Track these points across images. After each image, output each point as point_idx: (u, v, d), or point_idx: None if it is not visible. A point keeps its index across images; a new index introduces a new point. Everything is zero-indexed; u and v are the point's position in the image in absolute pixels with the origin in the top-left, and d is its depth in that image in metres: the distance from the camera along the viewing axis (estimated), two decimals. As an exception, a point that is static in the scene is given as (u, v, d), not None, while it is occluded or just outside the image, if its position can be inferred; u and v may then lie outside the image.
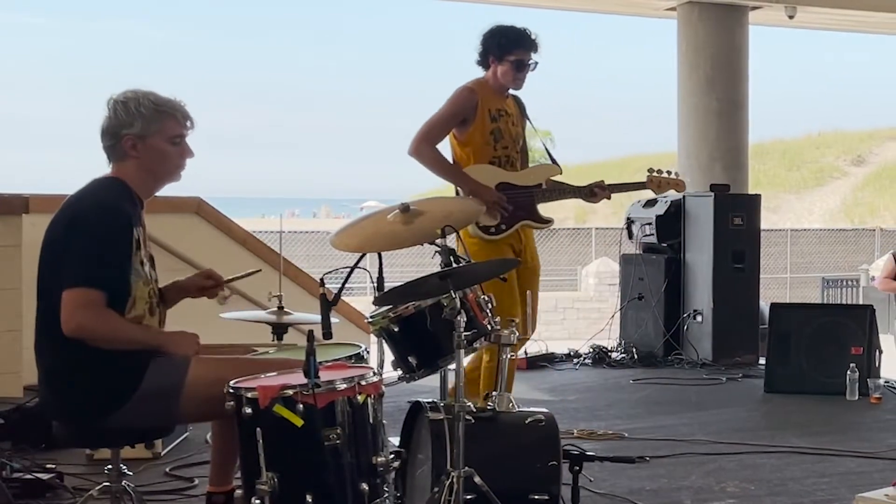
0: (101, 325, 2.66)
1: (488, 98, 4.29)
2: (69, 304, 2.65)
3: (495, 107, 4.30)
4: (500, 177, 4.28)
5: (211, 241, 5.95)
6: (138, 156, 2.81)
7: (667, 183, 4.60)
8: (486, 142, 4.27)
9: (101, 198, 2.78)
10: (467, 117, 4.26)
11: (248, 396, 2.55)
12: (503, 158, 4.31)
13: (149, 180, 2.87)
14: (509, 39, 4.26)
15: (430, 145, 4.23)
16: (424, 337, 3.08)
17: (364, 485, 2.59)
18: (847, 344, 5.63)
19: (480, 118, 4.26)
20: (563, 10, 10.22)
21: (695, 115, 8.68)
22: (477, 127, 4.26)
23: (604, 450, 3.96)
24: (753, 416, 5.28)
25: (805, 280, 18.99)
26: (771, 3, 8.70)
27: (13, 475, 3.55)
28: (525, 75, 4.33)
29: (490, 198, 4.18)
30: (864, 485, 3.60)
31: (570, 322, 15.45)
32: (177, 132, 2.85)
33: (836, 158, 29.85)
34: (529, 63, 4.31)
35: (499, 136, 4.29)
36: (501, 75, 4.29)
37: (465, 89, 4.29)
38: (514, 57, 4.26)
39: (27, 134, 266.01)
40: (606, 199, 4.49)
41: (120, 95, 2.83)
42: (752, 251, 6.93)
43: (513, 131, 4.35)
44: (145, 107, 2.79)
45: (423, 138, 4.22)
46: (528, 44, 4.28)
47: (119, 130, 2.80)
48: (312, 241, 17.12)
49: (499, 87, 4.33)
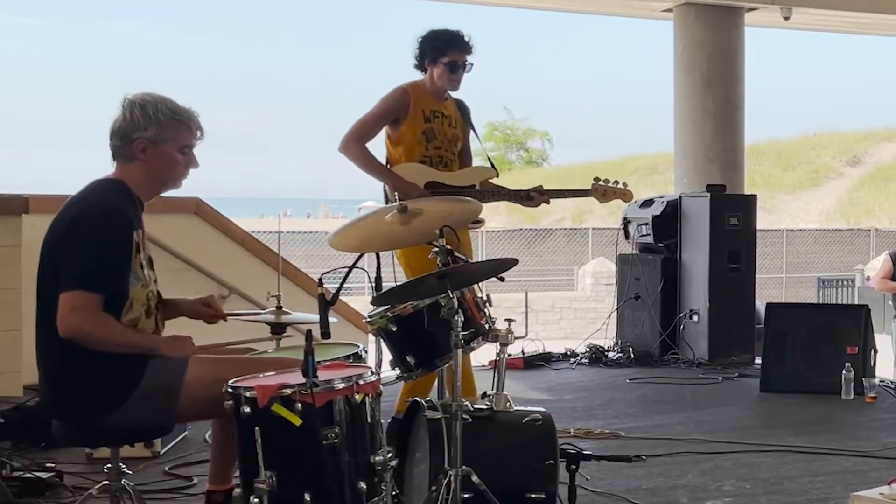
0: (96, 329, 2.68)
1: (423, 99, 4.34)
2: (65, 306, 2.66)
3: (430, 108, 4.34)
4: (429, 176, 4.29)
5: (210, 242, 5.96)
6: (146, 160, 2.82)
7: (612, 192, 4.55)
8: (418, 141, 4.31)
9: (103, 199, 2.79)
10: (399, 117, 4.31)
11: (246, 396, 2.57)
12: (435, 158, 4.33)
13: (151, 185, 2.88)
14: (443, 42, 4.32)
15: (358, 143, 4.28)
16: (422, 336, 3.10)
17: (362, 483, 2.60)
18: (842, 343, 5.64)
19: (412, 118, 4.30)
20: (561, 12, 10.25)
21: (691, 115, 8.70)
22: (409, 126, 4.30)
23: (600, 449, 3.96)
24: (749, 416, 5.31)
25: (801, 280, 19.03)
26: (767, 4, 8.73)
27: (13, 474, 3.57)
28: (460, 76, 4.37)
29: (414, 195, 4.12)
30: (859, 483, 3.62)
31: (567, 322, 15.48)
32: (188, 142, 2.87)
33: (831, 159, 29.88)
34: (464, 64, 4.35)
35: (431, 136, 4.32)
36: (437, 77, 4.34)
37: (399, 89, 4.35)
38: (447, 59, 4.31)
39: (27, 134, 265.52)
40: (545, 203, 4.47)
41: (137, 98, 2.83)
42: (748, 251, 6.96)
43: (448, 133, 4.37)
44: (163, 113, 2.81)
45: (352, 136, 4.28)
46: (462, 46, 4.33)
47: (132, 132, 2.81)
48: (311, 241, 17.14)
49: (436, 90, 4.37)
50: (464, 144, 4.49)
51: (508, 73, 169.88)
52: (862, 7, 9.06)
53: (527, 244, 19.48)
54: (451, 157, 4.40)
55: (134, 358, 2.75)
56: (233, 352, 3.10)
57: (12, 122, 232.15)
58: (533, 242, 19.92)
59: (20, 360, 4.71)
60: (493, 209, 20.54)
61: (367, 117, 4.32)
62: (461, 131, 4.46)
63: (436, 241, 3.05)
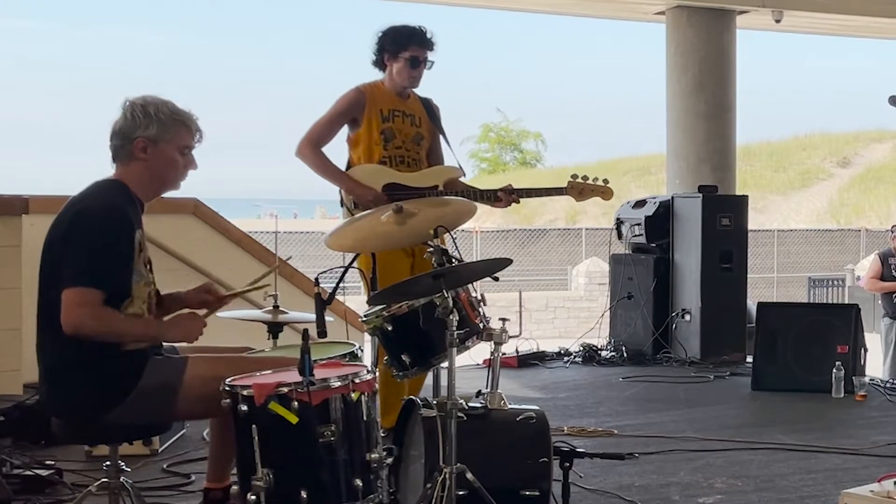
0: (99, 324, 2.70)
1: (380, 98, 4.23)
2: (68, 303, 2.69)
3: (388, 107, 4.23)
4: (389, 177, 4.16)
5: (208, 242, 5.98)
6: (147, 159, 2.85)
7: (590, 190, 4.28)
8: (376, 141, 4.20)
9: (105, 199, 2.82)
10: (356, 117, 4.21)
11: (243, 394, 2.59)
12: (396, 158, 4.20)
13: (151, 185, 2.91)
14: (403, 36, 4.21)
15: (312, 147, 4.18)
16: (417, 335, 3.11)
17: (358, 481, 2.63)
18: (833, 342, 5.68)
19: (368, 118, 4.20)
20: (555, 14, 10.27)
21: (683, 117, 8.74)
22: (366, 127, 4.20)
23: (594, 446, 3.98)
24: (741, 414, 5.34)
25: (792, 280, 19.10)
26: (758, 7, 8.77)
27: (13, 471, 3.60)
28: (421, 72, 4.25)
29: (368, 198, 4.06)
30: (849, 481, 3.66)
31: (561, 321, 15.52)
32: (187, 143, 2.90)
33: (821, 160, 29.97)
34: (424, 60, 4.23)
35: (390, 135, 4.21)
36: (397, 73, 4.23)
37: (353, 90, 4.25)
38: (408, 54, 4.19)
39: (27, 135, 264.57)
40: (515, 202, 4.25)
41: (139, 99, 2.87)
42: (739, 251, 7.00)
43: (411, 132, 4.24)
44: (163, 113, 2.84)
45: (307, 140, 4.18)
46: (423, 41, 4.22)
47: (133, 132, 2.84)
48: (307, 241, 17.16)
49: (395, 87, 4.25)
50: (432, 143, 4.34)
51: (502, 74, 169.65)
52: (851, 10, 9.10)
53: (521, 244, 19.52)
54: (416, 156, 4.25)
55: (133, 356, 2.77)
56: (230, 350, 3.13)
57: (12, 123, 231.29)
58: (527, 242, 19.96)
59: (20, 358, 4.72)
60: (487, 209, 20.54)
61: (321, 120, 4.21)
62: (426, 129, 4.30)
63: (431, 241, 3.08)
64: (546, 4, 9.59)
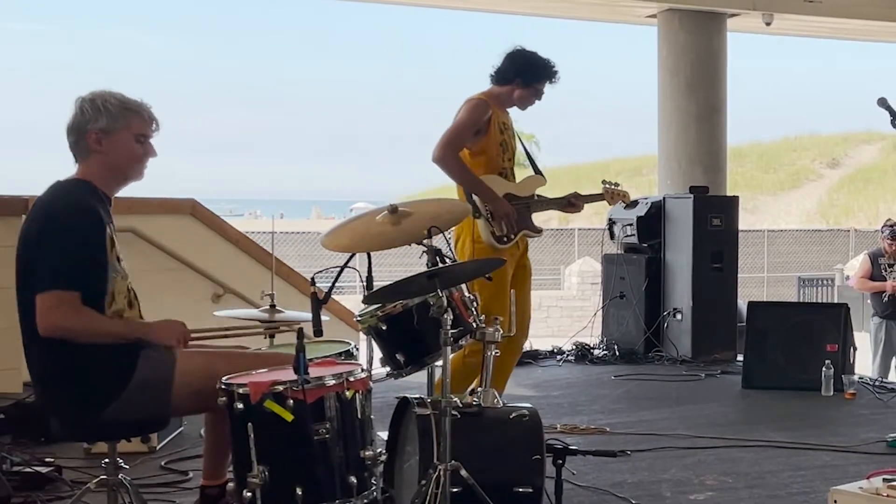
0: (76, 324, 2.70)
1: (498, 111, 4.38)
2: (41, 307, 2.69)
3: (501, 120, 4.40)
4: (505, 188, 4.35)
5: (205, 242, 6.01)
6: (102, 151, 2.84)
7: (618, 195, 4.70)
8: (497, 153, 4.35)
9: (73, 198, 2.80)
10: (481, 128, 4.32)
11: (239, 392, 2.62)
12: (508, 170, 4.41)
13: (113, 177, 2.89)
14: (541, 68, 4.39)
15: (454, 153, 4.27)
16: (412, 334, 3.13)
17: (352, 478, 2.66)
18: (822, 341, 5.72)
19: (493, 130, 4.33)
20: (548, 17, 10.31)
21: (675, 118, 8.78)
22: (490, 138, 4.33)
23: (586, 444, 4.03)
24: (731, 412, 5.36)
25: (782, 279, 19.16)
26: (749, 10, 8.83)
27: (13, 468, 3.61)
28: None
29: (504, 210, 4.26)
30: (838, 478, 3.69)
31: (554, 320, 15.55)
32: (142, 130, 2.88)
33: (811, 161, 30.09)
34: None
35: (505, 147, 4.39)
36: (518, 97, 4.40)
37: (481, 101, 4.34)
38: (541, 86, 4.41)
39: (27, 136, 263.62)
40: (579, 210, 4.62)
41: (88, 94, 2.87)
42: (730, 251, 7.05)
43: (513, 144, 4.47)
44: (112, 104, 2.84)
45: (450, 148, 4.26)
46: (553, 77, 4.43)
47: (84, 126, 2.84)
48: (304, 241, 17.18)
49: (505, 103, 4.43)
50: None
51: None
52: (841, 13, 9.16)
53: (514, 244, 19.48)
54: (513, 167, 4.48)
55: (124, 353, 2.76)
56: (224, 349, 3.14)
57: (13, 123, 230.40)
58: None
59: (20, 356, 4.70)
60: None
61: (459, 128, 4.29)
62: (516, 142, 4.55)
63: (425, 241, 3.11)
64: (539, 8, 9.62)
